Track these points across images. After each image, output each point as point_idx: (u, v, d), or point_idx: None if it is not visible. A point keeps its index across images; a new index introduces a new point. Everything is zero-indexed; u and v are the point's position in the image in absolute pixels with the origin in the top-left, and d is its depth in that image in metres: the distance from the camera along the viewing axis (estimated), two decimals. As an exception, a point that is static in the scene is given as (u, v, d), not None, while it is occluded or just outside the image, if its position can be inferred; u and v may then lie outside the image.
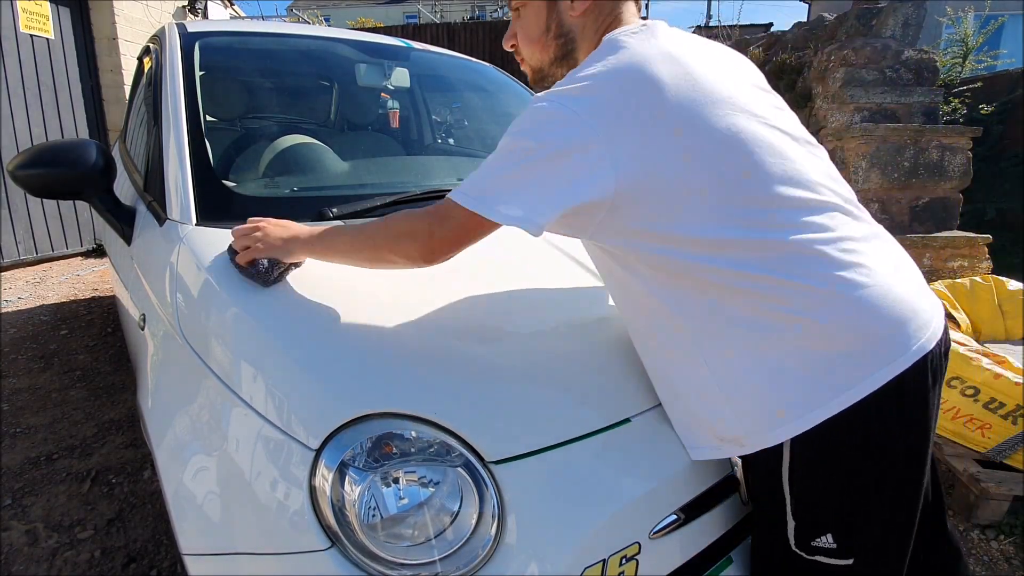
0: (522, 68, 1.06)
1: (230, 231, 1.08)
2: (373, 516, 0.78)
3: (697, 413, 0.93)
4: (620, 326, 1.11)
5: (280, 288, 1.02)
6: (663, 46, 0.85)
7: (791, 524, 0.90)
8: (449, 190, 0.88)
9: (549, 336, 1.03)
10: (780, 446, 0.86)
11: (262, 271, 1.00)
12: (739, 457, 0.96)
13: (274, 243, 1.01)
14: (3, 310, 3.63)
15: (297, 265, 1.05)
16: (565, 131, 0.79)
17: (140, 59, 2.43)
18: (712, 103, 0.81)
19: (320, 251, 1.01)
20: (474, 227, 0.85)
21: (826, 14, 4.08)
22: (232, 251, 1.06)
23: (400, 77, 2.28)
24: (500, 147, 0.84)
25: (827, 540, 0.89)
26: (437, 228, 0.87)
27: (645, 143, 0.79)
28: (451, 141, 2.52)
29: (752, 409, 0.87)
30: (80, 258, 4.98)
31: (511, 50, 1.05)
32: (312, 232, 1.01)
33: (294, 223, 1.08)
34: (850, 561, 0.89)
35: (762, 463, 0.91)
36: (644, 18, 0.97)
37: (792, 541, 0.91)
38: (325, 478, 0.78)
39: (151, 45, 1.96)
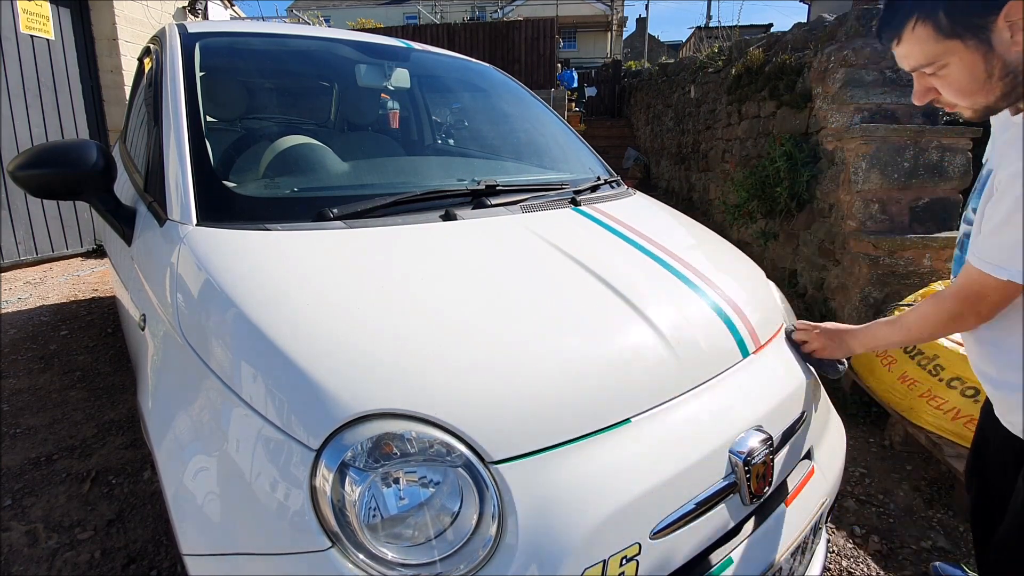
0: (949, 111, 1.03)
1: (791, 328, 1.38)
2: (373, 516, 0.78)
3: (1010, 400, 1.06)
4: (619, 326, 1.11)
5: (280, 288, 1.02)
6: None
7: None
8: (449, 190, 0.88)
9: (549, 336, 1.03)
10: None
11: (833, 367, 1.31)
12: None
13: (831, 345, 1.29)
14: (3, 311, 3.63)
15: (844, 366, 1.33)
16: None
17: (140, 60, 2.43)
18: None
19: (872, 344, 1.25)
20: (988, 289, 0.96)
21: (826, 15, 4.08)
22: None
23: (400, 78, 2.29)
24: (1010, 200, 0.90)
25: None
26: (969, 307, 1.01)
27: None
28: (451, 141, 2.52)
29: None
30: (80, 258, 4.98)
31: (924, 103, 1.02)
32: (860, 333, 1.25)
33: (841, 325, 1.31)
34: None
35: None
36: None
37: None
38: (325, 478, 0.78)
39: (151, 46, 1.97)
